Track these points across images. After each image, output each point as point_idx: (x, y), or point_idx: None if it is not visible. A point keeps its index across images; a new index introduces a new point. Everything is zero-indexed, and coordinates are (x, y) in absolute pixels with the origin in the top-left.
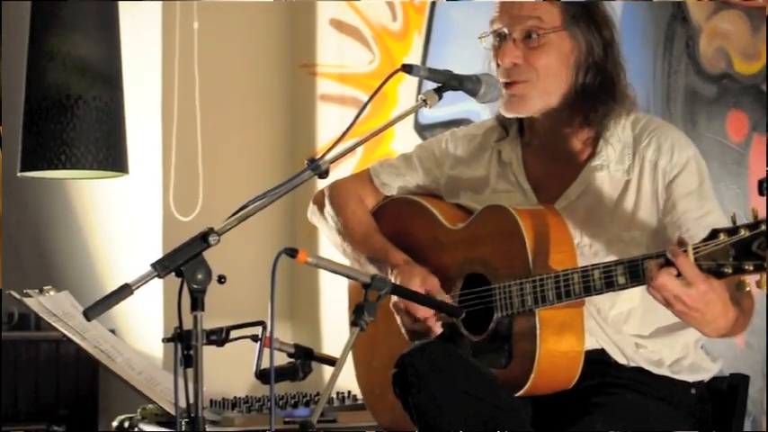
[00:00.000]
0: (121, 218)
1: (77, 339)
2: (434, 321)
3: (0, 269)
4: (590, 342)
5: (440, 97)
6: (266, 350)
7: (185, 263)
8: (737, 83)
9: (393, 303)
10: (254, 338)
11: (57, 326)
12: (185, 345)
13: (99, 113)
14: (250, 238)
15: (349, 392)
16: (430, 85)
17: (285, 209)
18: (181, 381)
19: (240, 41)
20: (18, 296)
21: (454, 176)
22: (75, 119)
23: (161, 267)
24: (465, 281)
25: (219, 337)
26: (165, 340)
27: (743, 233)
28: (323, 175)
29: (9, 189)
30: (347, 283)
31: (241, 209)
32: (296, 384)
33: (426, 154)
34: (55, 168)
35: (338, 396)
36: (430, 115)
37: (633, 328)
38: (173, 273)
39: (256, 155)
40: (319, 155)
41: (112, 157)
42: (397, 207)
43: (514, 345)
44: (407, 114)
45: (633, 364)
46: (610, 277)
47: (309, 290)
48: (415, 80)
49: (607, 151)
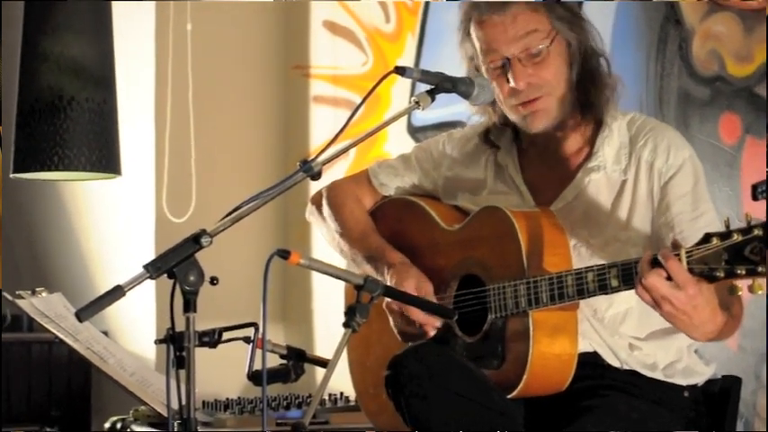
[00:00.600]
0: (114, 219)
1: (70, 341)
2: (431, 328)
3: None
4: (583, 345)
5: (433, 99)
6: (258, 352)
7: (178, 264)
8: (730, 85)
9: (386, 304)
10: (246, 340)
11: (49, 327)
12: (178, 346)
13: (92, 115)
14: (243, 240)
15: (341, 394)
16: (423, 87)
17: (278, 210)
18: (173, 382)
19: (233, 43)
20: (10, 297)
21: (452, 178)
22: (68, 120)
23: (153, 269)
24: (460, 282)
25: (212, 339)
26: (158, 342)
27: (736, 237)
28: (315, 177)
29: (3, 190)
30: (343, 284)
31: (234, 210)
32: (288, 386)
33: (424, 155)
34: (48, 170)
35: (330, 398)
36: (423, 117)
37: (630, 329)
38: (165, 274)
39: (249, 156)
40: (312, 156)
41: (105, 159)
42: (395, 207)
43: (508, 346)
44: (400, 116)
45: (626, 368)
46: (603, 280)
47: (302, 291)
48: (409, 82)
49: (603, 152)
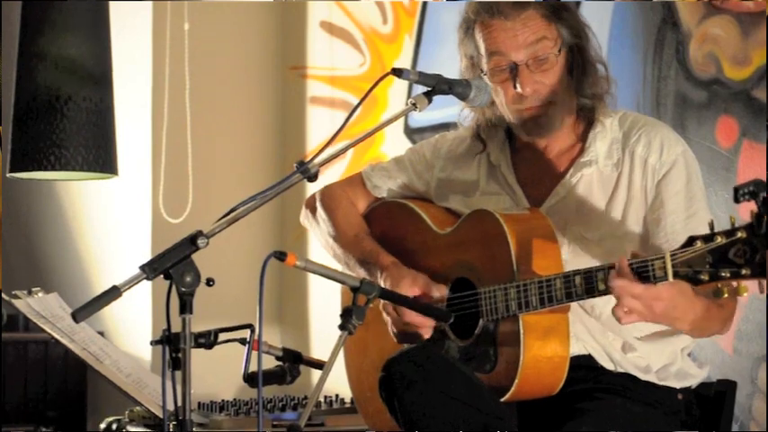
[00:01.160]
0: (111, 219)
1: (66, 341)
2: (428, 330)
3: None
4: (576, 347)
5: (429, 101)
6: (254, 353)
7: (174, 265)
8: (727, 88)
9: (383, 305)
10: (242, 341)
11: (45, 327)
12: (173, 347)
13: (89, 114)
14: (239, 241)
15: (337, 396)
16: (420, 88)
17: (274, 212)
18: (169, 383)
19: (231, 43)
20: (7, 297)
21: (444, 179)
22: (64, 120)
23: (150, 270)
24: (452, 285)
25: (208, 340)
26: (154, 343)
27: (719, 240)
28: (312, 179)
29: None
30: (339, 286)
31: (230, 211)
32: (284, 388)
33: (417, 157)
34: (44, 169)
35: (326, 400)
36: (420, 119)
37: (627, 328)
38: (161, 275)
39: (246, 157)
40: (309, 157)
41: (102, 159)
42: (388, 210)
43: (499, 350)
44: (397, 118)
45: (620, 370)
46: (590, 283)
47: (298, 293)
48: (406, 83)
49: (596, 146)
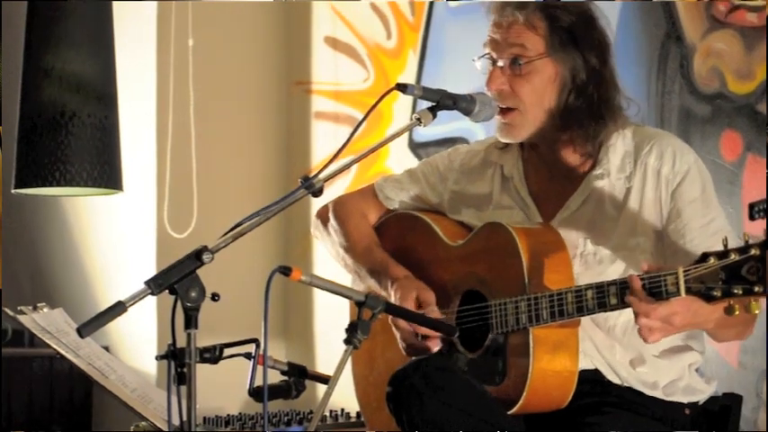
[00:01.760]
0: (116, 235)
1: (71, 356)
2: (435, 342)
3: None
4: (584, 362)
5: (434, 116)
6: (260, 368)
7: (179, 280)
8: (731, 102)
9: (392, 318)
10: (247, 356)
11: (50, 343)
12: (179, 362)
13: (94, 130)
14: (244, 257)
15: (342, 410)
16: (425, 104)
17: (279, 227)
18: (174, 398)
19: (235, 59)
20: (12, 313)
21: (457, 192)
22: (69, 136)
23: (155, 285)
24: (463, 297)
25: (213, 355)
26: (159, 358)
27: (733, 257)
28: (317, 194)
29: (4, 205)
30: (344, 301)
31: (235, 227)
32: (289, 402)
33: (430, 169)
34: (49, 185)
35: (331, 414)
36: (424, 134)
37: (641, 341)
38: (166, 290)
39: (251, 172)
40: (314, 173)
41: (107, 175)
42: (399, 222)
43: (508, 362)
44: (402, 133)
45: (627, 385)
46: (602, 297)
47: (303, 308)
48: (410, 98)
49: (608, 160)
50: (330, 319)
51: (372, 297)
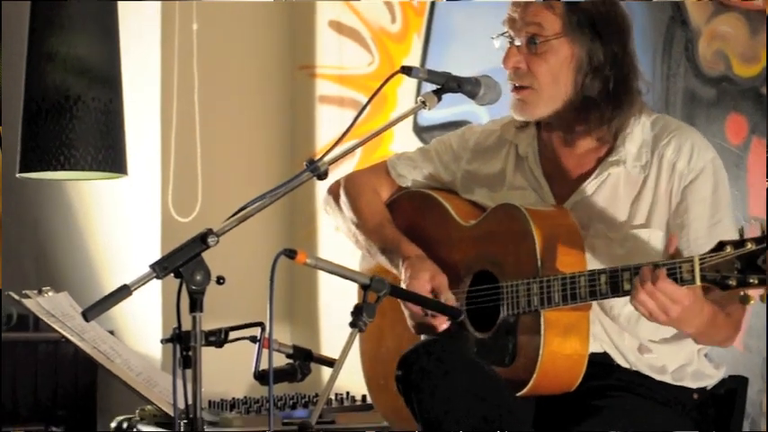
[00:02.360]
0: (120, 219)
1: (76, 340)
2: (443, 321)
3: None
4: (593, 346)
5: (439, 99)
6: (265, 351)
7: (184, 264)
8: (737, 85)
9: None
10: (252, 339)
11: (55, 327)
12: (184, 346)
13: (98, 114)
14: (249, 240)
15: (348, 393)
16: (429, 87)
17: (284, 210)
18: (179, 382)
19: (239, 43)
20: (17, 297)
21: (471, 171)
22: (74, 120)
23: (160, 268)
24: (474, 278)
25: (218, 338)
26: (164, 341)
27: (749, 246)
28: (322, 177)
29: (8, 189)
30: (349, 284)
31: (240, 210)
32: (294, 385)
33: (444, 147)
34: (54, 169)
35: (337, 397)
36: (429, 117)
37: (644, 330)
38: (171, 274)
39: (255, 156)
40: (318, 156)
41: (111, 159)
42: (411, 200)
43: (519, 344)
44: (407, 116)
45: (636, 369)
46: (615, 282)
47: (308, 291)
48: (415, 82)
49: (625, 147)
50: (335, 303)
51: (377, 280)
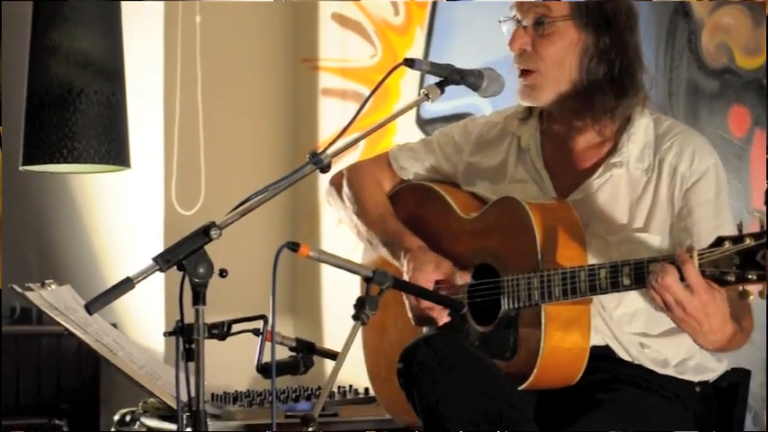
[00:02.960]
0: (123, 212)
1: (79, 333)
2: (442, 314)
3: (0, 264)
4: (595, 339)
5: (442, 91)
6: (268, 344)
7: (187, 257)
8: (739, 78)
9: None
10: (255, 332)
11: (58, 320)
12: (187, 338)
13: (101, 107)
14: (252, 232)
15: (350, 386)
16: (432, 80)
17: (287, 203)
18: (182, 374)
19: (242, 35)
20: (20, 290)
21: (473, 163)
22: (77, 113)
23: (163, 261)
24: (475, 271)
25: (221, 331)
26: (167, 334)
27: (748, 242)
28: (325, 169)
29: (11, 183)
30: (352, 277)
31: (243, 203)
32: (297, 378)
33: (446, 139)
34: (57, 162)
35: (339, 390)
36: (432, 110)
37: (638, 329)
38: (174, 266)
39: (258, 149)
40: (321, 148)
41: (114, 152)
42: (413, 193)
43: (520, 338)
44: (409, 108)
45: (638, 363)
46: (615, 277)
47: (311, 284)
48: (418, 74)
49: (628, 148)
50: (338, 295)
51: (380, 273)
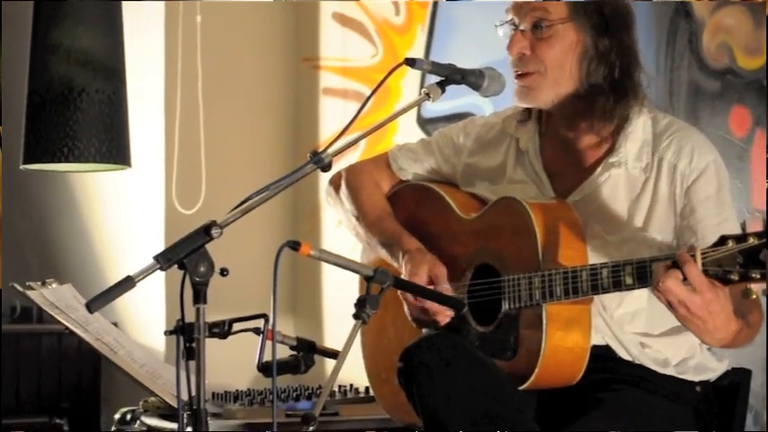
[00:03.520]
0: (124, 211)
1: (80, 332)
2: (444, 317)
3: (0, 263)
4: (596, 339)
5: (443, 91)
6: (268, 343)
7: (188, 255)
8: (740, 78)
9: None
10: (256, 331)
11: (59, 318)
12: (188, 337)
13: (102, 106)
14: (253, 231)
15: (351, 386)
16: (433, 79)
17: (288, 202)
18: (183, 373)
19: (243, 35)
20: (20, 289)
21: (472, 164)
22: (78, 112)
23: (164, 260)
24: (475, 271)
25: (222, 330)
26: (168, 333)
27: (751, 241)
28: (326, 169)
29: (11, 182)
30: (353, 276)
31: (244, 202)
32: (298, 377)
33: (445, 140)
34: (58, 161)
35: (340, 389)
36: (433, 109)
37: (639, 328)
38: (175, 265)
39: (259, 148)
40: (322, 148)
41: (115, 150)
42: (413, 193)
43: (520, 338)
44: (410, 108)
45: (638, 362)
46: (617, 277)
47: (312, 283)
48: (419, 74)
49: (626, 147)
50: (339, 294)
51: (381, 272)
